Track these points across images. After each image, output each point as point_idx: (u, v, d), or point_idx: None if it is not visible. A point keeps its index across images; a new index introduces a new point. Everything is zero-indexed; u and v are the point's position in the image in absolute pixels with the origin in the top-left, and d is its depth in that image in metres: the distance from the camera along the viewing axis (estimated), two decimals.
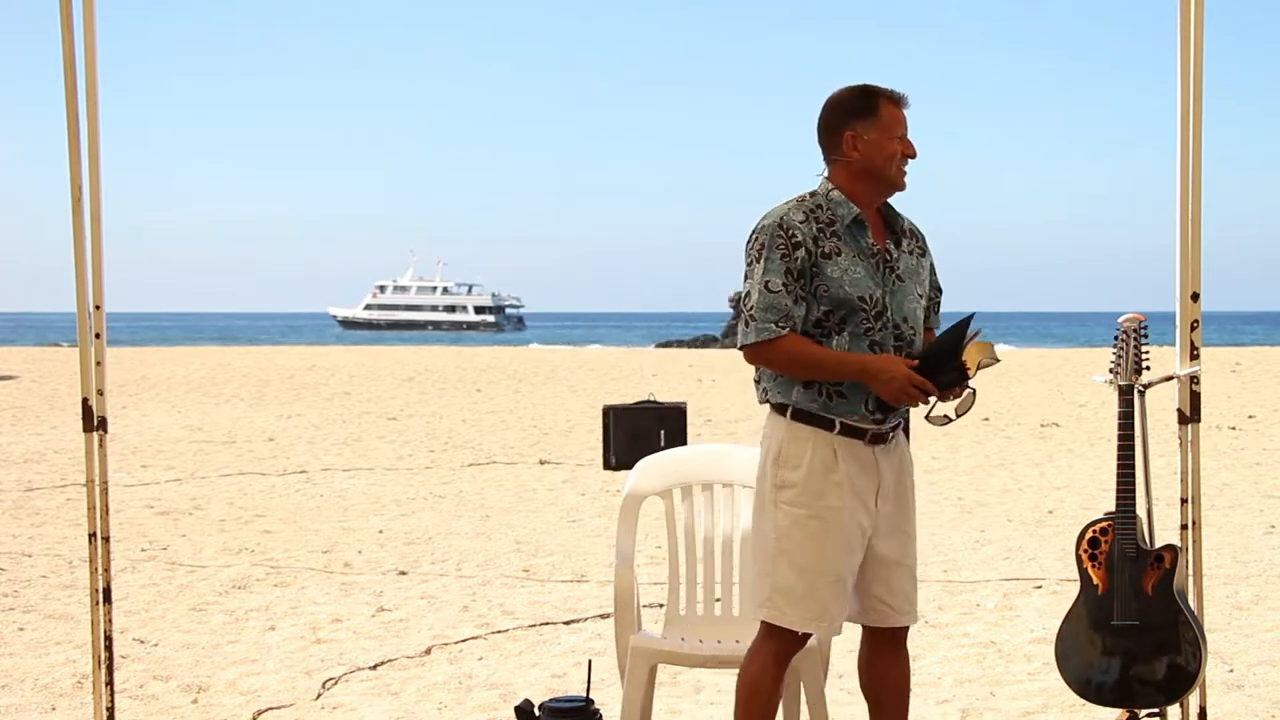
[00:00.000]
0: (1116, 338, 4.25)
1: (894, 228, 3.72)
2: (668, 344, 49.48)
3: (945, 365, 3.56)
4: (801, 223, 3.58)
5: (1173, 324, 4.21)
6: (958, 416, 3.66)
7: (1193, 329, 4.16)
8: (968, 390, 3.66)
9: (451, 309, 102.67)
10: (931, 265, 3.84)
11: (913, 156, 3.66)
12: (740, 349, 3.67)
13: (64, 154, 4.14)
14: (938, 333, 3.85)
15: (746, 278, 3.62)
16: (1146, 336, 4.26)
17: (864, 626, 3.81)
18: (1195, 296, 4.16)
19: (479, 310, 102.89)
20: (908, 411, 3.77)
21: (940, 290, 3.91)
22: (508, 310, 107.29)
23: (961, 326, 3.58)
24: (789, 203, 3.65)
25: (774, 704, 3.72)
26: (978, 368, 3.58)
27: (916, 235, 3.80)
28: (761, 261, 3.57)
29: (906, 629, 3.81)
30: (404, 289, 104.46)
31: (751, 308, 3.59)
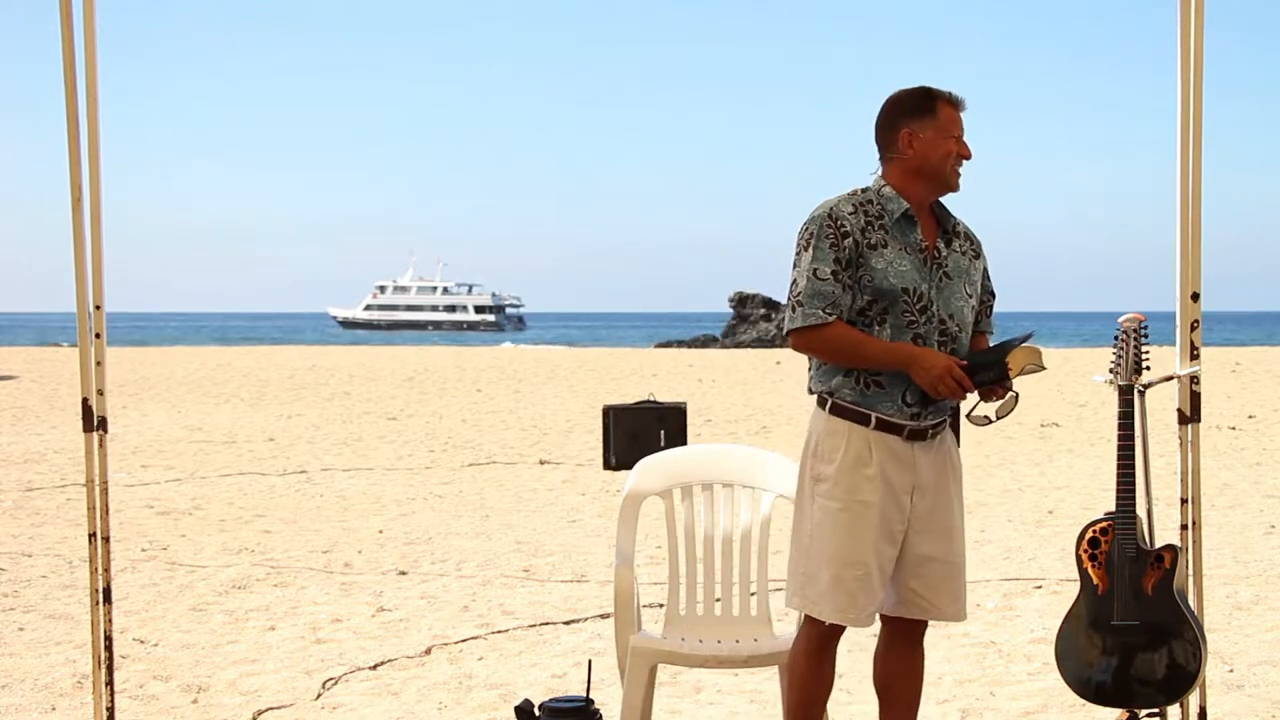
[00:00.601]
0: (1116, 338, 4.25)
1: (946, 227, 3.77)
2: (668, 344, 49.50)
3: (989, 364, 3.64)
4: (850, 214, 3.65)
5: (1173, 324, 4.21)
6: (998, 418, 3.77)
7: (1193, 329, 4.16)
8: (1010, 394, 3.77)
9: (451, 309, 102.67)
10: (985, 270, 3.88)
11: (967, 157, 3.73)
12: (786, 334, 3.74)
13: (64, 154, 4.14)
14: (992, 341, 3.92)
15: (795, 266, 3.70)
16: (1146, 336, 4.26)
17: (883, 618, 3.83)
18: (1195, 296, 4.16)
19: (479, 310, 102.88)
20: (953, 411, 3.81)
21: (993, 295, 3.94)
22: (508, 310, 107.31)
23: (1018, 338, 3.72)
24: (841, 195, 3.74)
25: (812, 691, 3.78)
26: (1021, 371, 3.66)
27: (971, 238, 3.85)
28: (810, 250, 3.64)
29: (923, 626, 3.85)
30: (404, 289, 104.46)
31: (799, 294, 3.65)
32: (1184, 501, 4.21)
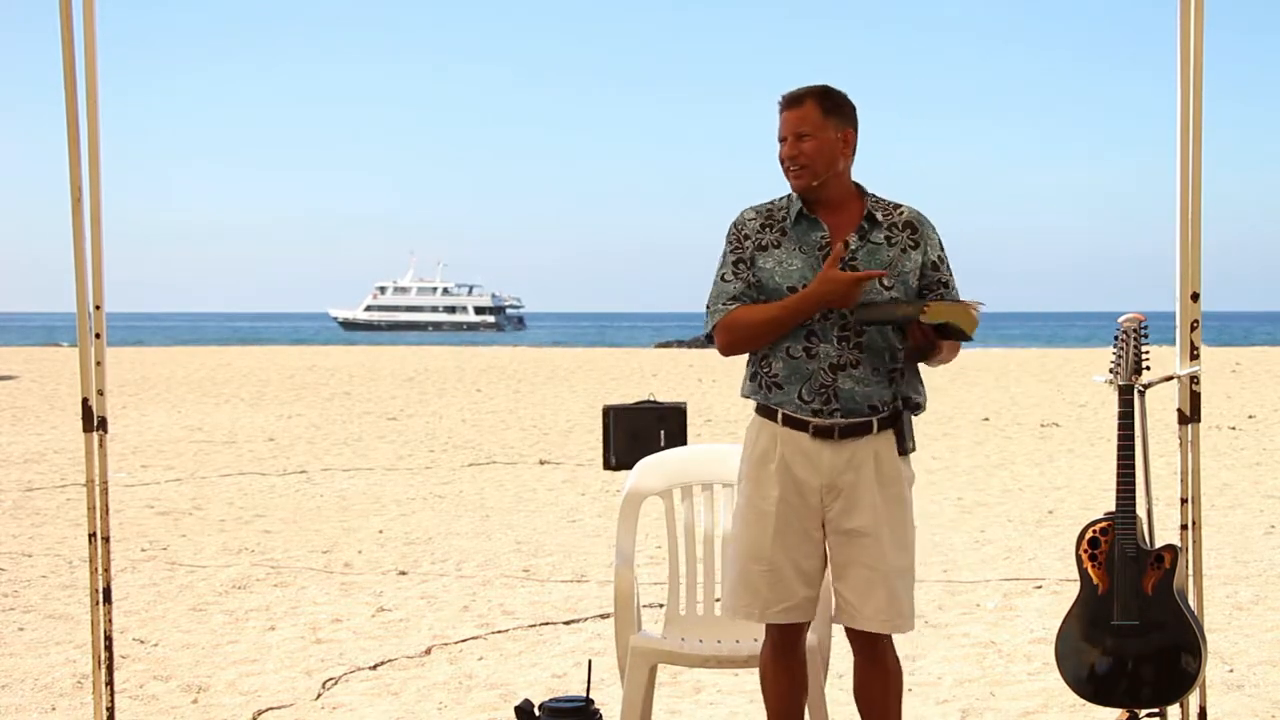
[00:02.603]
0: (1116, 338, 4.25)
1: (867, 221, 3.73)
2: (668, 344, 49.46)
3: (889, 304, 3.64)
4: (751, 219, 3.77)
5: (1173, 324, 4.21)
6: (914, 354, 3.73)
7: (1193, 329, 4.16)
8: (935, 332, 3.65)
9: (452, 309, 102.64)
10: (932, 260, 3.75)
11: (784, 156, 3.73)
12: (705, 339, 3.84)
13: (64, 154, 4.14)
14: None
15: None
16: (1146, 336, 4.26)
17: (845, 629, 3.82)
18: (1195, 296, 4.16)
19: (479, 311, 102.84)
20: (892, 413, 3.69)
21: (945, 285, 3.77)
22: (508, 310, 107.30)
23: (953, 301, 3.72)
24: (762, 203, 3.84)
25: (778, 693, 3.79)
26: (940, 319, 3.57)
27: (913, 227, 3.75)
28: (720, 259, 3.79)
29: (882, 639, 3.74)
30: (404, 290, 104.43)
31: (709, 301, 3.78)
32: (1184, 501, 4.21)
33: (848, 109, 3.76)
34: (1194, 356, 4.16)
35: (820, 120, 3.68)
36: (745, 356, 3.82)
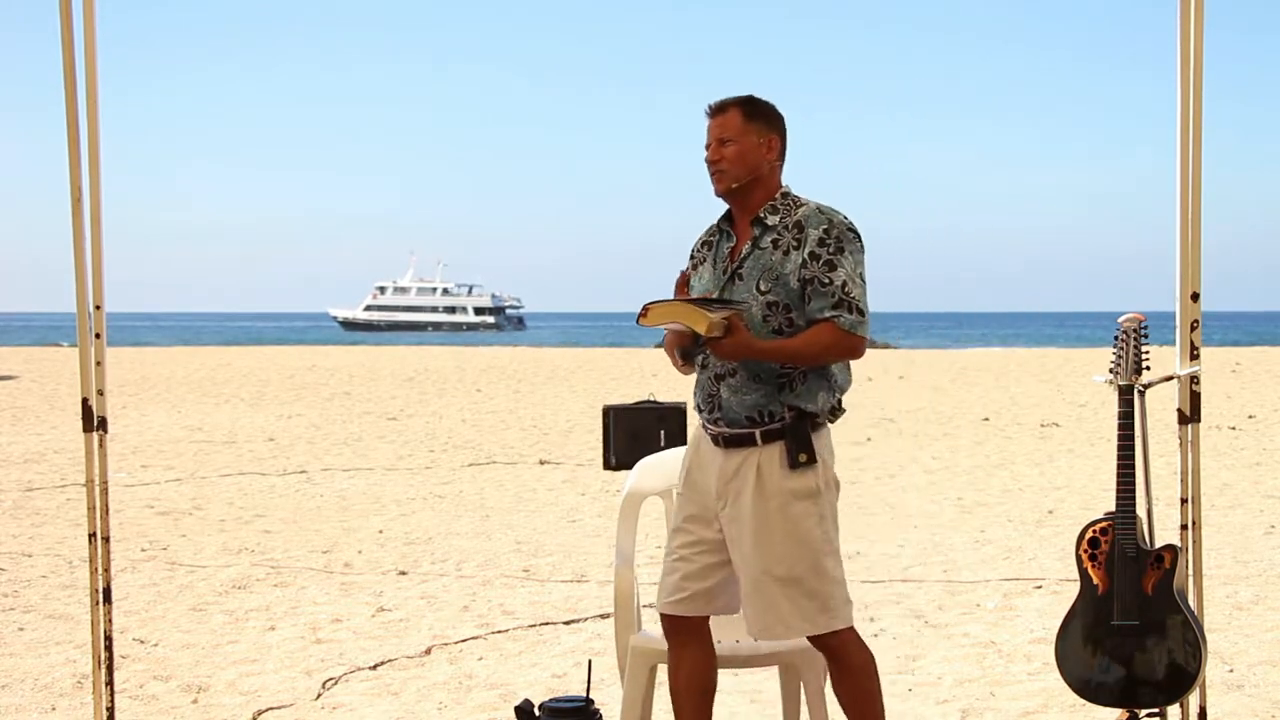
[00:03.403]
0: (1116, 338, 4.25)
1: (762, 225, 3.77)
2: None
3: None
4: (699, 238, 3.95)
5: (1173, 324, 4.21)
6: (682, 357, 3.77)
7: (1193, 329, 4.16)
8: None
9: (451, 310, 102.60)
10: (810, 256, 3.66)
11: (706, 160, 3.82)
12: None
13: (64, 154, 4.15)
14: (810, 313, 3.71)
15: None
16: (1146, 336, 4.26)
17: None
18: (1195, 296, 4.16)
19: (479, 311, 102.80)
20: (787, 425, 3.66)
21: (812, 281, 3.65)
22: (508, 311, 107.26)
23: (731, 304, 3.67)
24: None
25: (674, 690, 3.85)
26: (659, 323, 3.60)
27: (800, 227, 3.71)
28: None
29: (836, 636, 3.76)
30: (404, 290, 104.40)
31: None
32: (1184, 501, 4.21)
33: (773, 117, 3.83)
34: (1194, 356, 4.16)
35: (742, 126, 3.77)
36: None
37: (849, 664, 3.81)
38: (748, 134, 3.76)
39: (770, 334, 3.69)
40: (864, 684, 3.82)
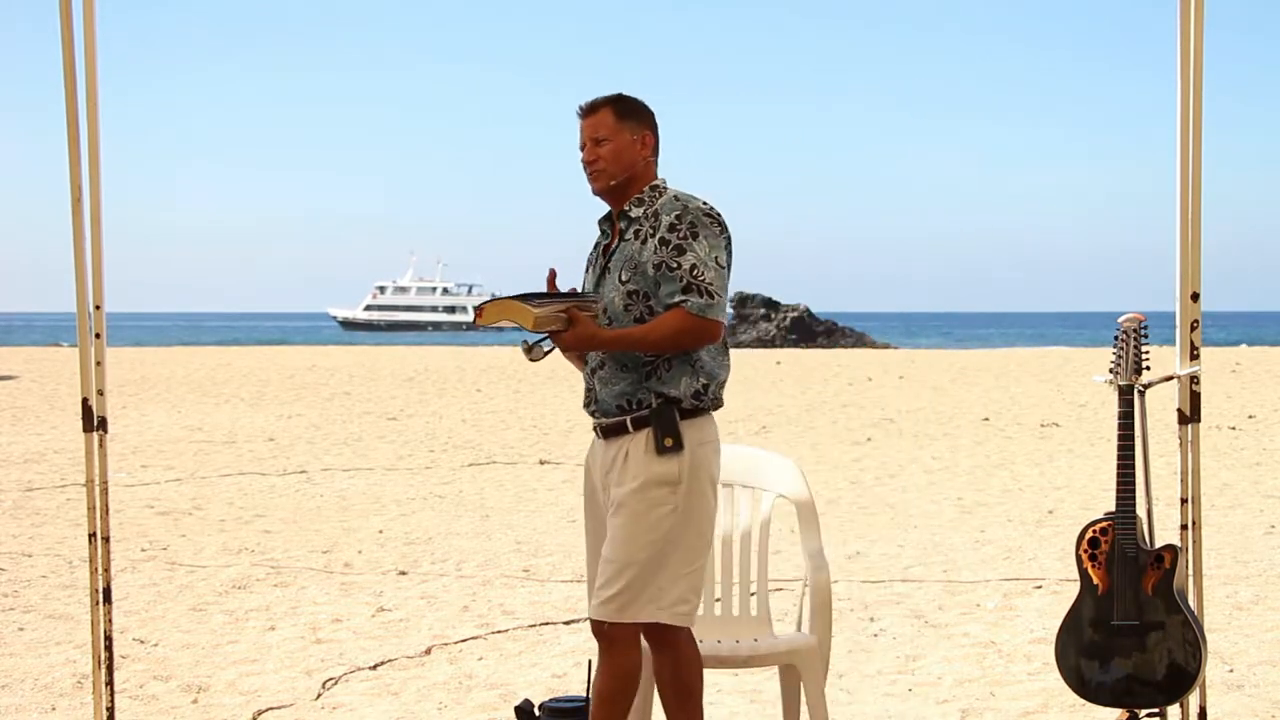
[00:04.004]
0: (1116, 338, 4.25)
1: (626, 218, 3.83)
2: None
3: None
4: (592, 250, 4.00)
5: (1173, 324, 4.21)
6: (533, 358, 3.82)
7: (1193, 329, 4.16)
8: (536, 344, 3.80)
9: (451, 309, 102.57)
10: (660, 242, 3.70)
11: (582, 161, 3.87)
12: None
13: (64, 154, 4.15)
14: (659, 300, 3.74)
15: None
16: (1146, 336, 4.27)
17: None
18: (1195, 296, 4.16)
19: None
20: (652, 413, 3.69)
21: (662, 265, 3.68)
22: None
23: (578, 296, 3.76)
24: None
25: (597, 686, 3.81)
26: (491, 321, 3.70)
27: (656, 215, 3.77)
28: None
29: (659, 631, 3.76)
30: (404, 289, 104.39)
31: None
32: (1184, 501, 4.21)
33: (644, 113, 3.88)
34: (1194, 356, 4.16)
35: (615, 125, 3.82)
36: None
37: (676, 655, 3.80)
38: (621, 132, 3.82)
39: (633, 323, 3.73)
40: (628, 686, 3.77)
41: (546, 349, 3.79)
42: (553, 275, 3.87)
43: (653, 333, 3.67)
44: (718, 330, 3.71)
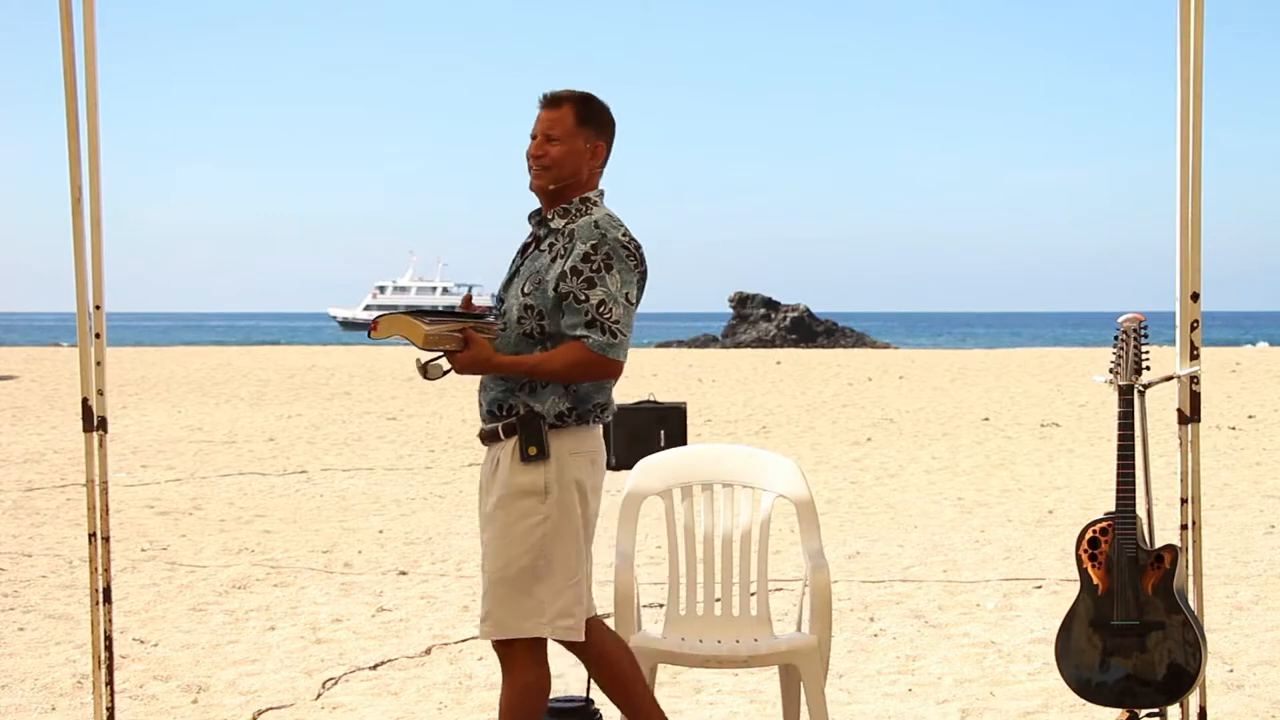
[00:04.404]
0: (1116, 338, 4.25)
1: (546, 228, 3.77)
2: (668, 344, 49.49)
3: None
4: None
5: (1173, 324, 4.21)
6: (429, 376, 3.75)
7: (1193, 329, 4.16)
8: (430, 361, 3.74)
9: (452, 309, 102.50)
10: (571, 270, 3.62)
11: (529, 153, 3.76)
12: None
13: (64, 154, 4.15)
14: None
15: None
16: (1146, 336, 4.27)
17: None
18: (1195, 296, 4.16)
19: None
20: (515, 423, 3.68)
21: (570, 296, 3.62)
22: None
23: (474, 316, 3.69)
24: None
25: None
26: (385, 335, 3.60)
27: (570, 236, 3.68)
28: None
29: (506, 646, 3.70)
30: (404, 289, 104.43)
31: None
32: (1184, 501, 4.21)
33: (604, 122, 3.78)
34: (1194, 356, 4.16)
35: (573, 127, 3.72)
36: None
37: (511, 676, 3.71)
38: (576, 137, 3.72)
39: (522, 336, 3.68)
40: (529, 702, 3.72)
41: (445, 368, 3.73)
42: (468, 298, 3.90)
43: (548, 363, 3.61)
44: (617, 369, 3.66)
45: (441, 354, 3.68)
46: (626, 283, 3.65)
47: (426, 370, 3.73)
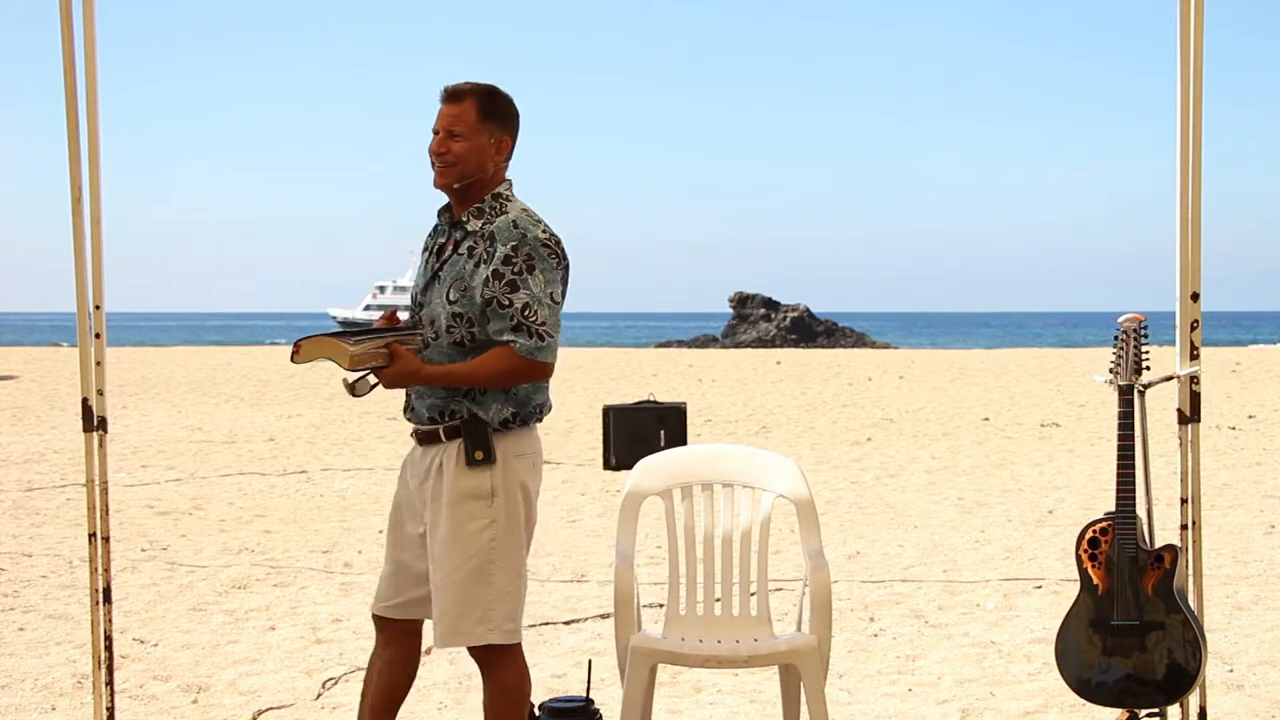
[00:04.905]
0: (1116, 338, 4.25)
1: (463, 229, 3.71)
2: (668, 344, 49.50)
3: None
4: (429, 235, 3.87)
5: (1173, 324, 4.21)
6: (357, 394, 3.75)
7: (1193, 329, 4.16)
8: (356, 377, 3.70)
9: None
10: (494, 274, 3.58)
11: (431, 150, 3.71)
12: None
13: (64, 154, 4.15)
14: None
15: None
16: (1146, 336, 4.27)
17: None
18: (1195, 296, 4.16)
19: None
20: (462, 425, 3.66)
21: (493, 301, 3.58)
22: None
23: (397, 331, 3.67)
24: None
25: (379, 686, 3.85)
26: (309, 359, 3.59)
27: (491, 238, 3.63)
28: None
29: (487, 652, 3.71)
30: (404, 289, 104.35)
31: None
32: (1184, 501, 4.21)
33: (508, 116, 3.73)
34: (1194, 356, 4.16)
35: (476, 122, 3.67)
36: None
37: (500, 683, 3.74)
38: (479, 132, 3.67)
39: (452, 345, 3.65)
40: (510, 707, 3.74)
41: (372, 383, 3.72)
42: (391, 313, 3.90)
43: (479, 371, 3.59)
44: (547, 371, 3.64)
45: (368, 371, 3.66)
46: (550, 282, 3.62)
47: (354, 388, 3.72)
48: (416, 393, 3.76)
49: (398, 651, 3.87)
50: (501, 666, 3.72)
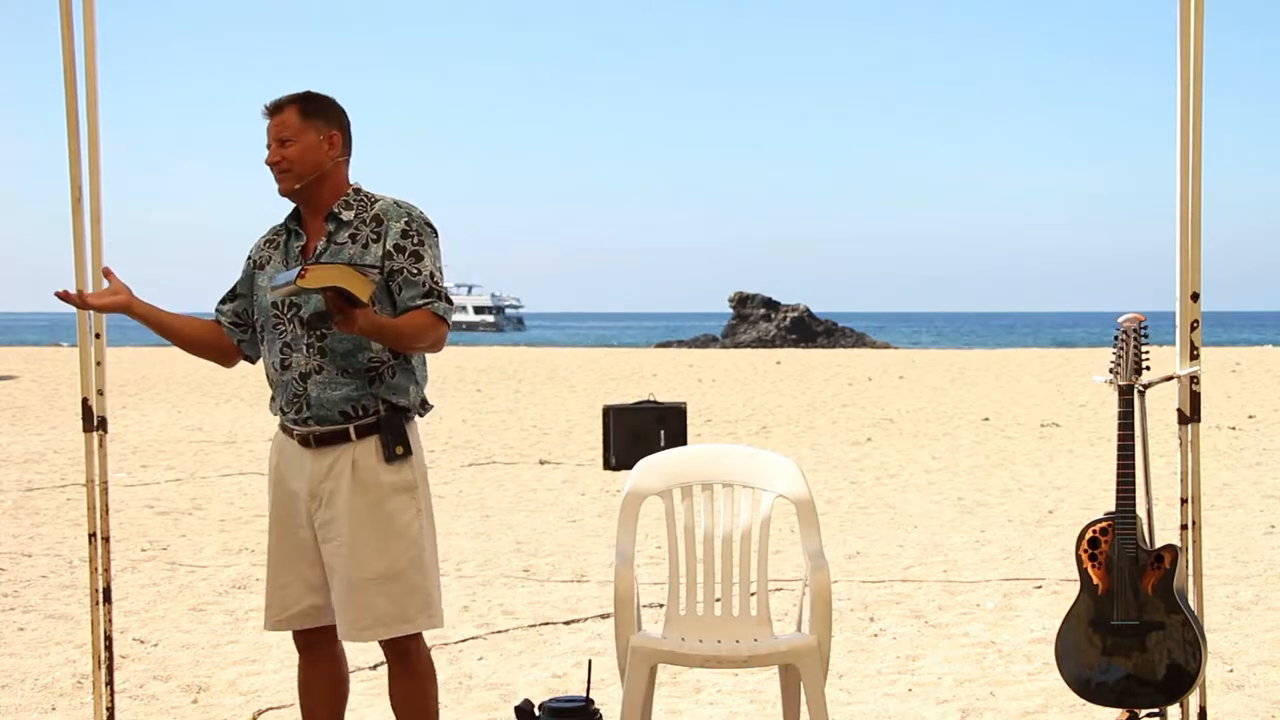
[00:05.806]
0: (1116, 338, 4.25)
1: (337, 220, 3.75)
2: (667, 344, 49.49)
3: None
4: (261, 239, 3.90)
5: (1173, 324, 4.21)
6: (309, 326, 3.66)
7: (1193, 329, 4.16)
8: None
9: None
10: (395, 248, 3.67)
11: (268, 162, 3.78)
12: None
13: (64, 154, 4.15)
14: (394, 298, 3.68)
15: None
16: (1146, 336, 4.27)
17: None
18: (1195, 296, 4.16)
19: (479, 310, 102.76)
20: (381, 420, 3.65)
21: (399, 272, 3.66)
22: (508, 310, 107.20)
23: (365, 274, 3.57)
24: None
25: (310, 702, 3.91)
26: (321, 284, 3.43)
27: (378, 220, 3.72)
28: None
29: (402, 642, 3.73)
30: None
31: None
32: (1184, 501, 4.21)
33: (331, 112, 3.81)
34: (1194, 356, 4.16)
35: (300, 125, 3.75)
36: None
37: (416, 668, 3.79)
38: (306, 132, 3.75)
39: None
40: (428, 689, 3.81)
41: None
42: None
43: (408, 328, 3.62)
44: (446, 334, 3.76)
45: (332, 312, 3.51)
46: (437, 255, 3.77)
47: (312, 321, 3.65)
48: (320, 385, 3.69)
49: (326, 666, 3.91)
50: (417, 652, 3.80)
